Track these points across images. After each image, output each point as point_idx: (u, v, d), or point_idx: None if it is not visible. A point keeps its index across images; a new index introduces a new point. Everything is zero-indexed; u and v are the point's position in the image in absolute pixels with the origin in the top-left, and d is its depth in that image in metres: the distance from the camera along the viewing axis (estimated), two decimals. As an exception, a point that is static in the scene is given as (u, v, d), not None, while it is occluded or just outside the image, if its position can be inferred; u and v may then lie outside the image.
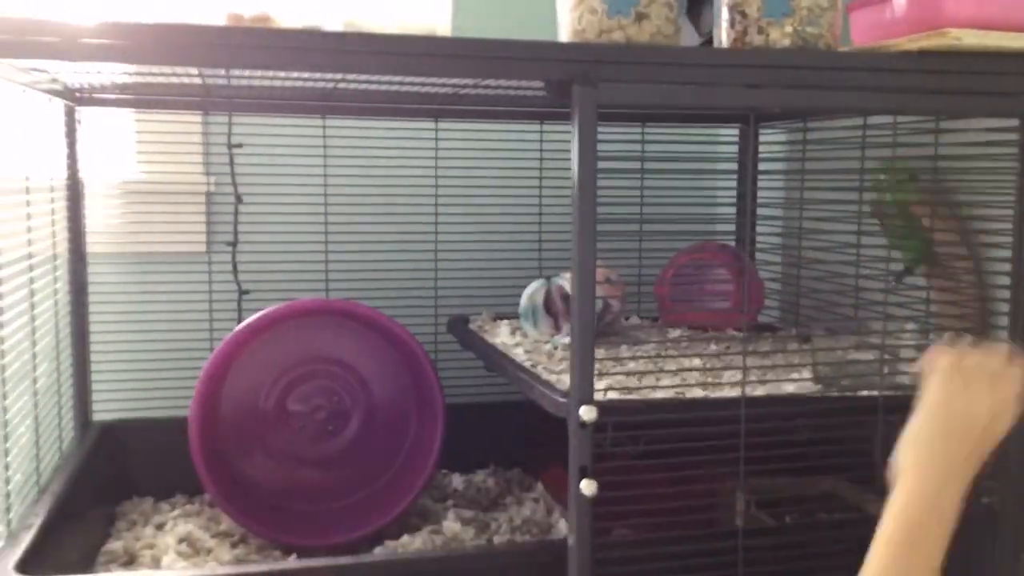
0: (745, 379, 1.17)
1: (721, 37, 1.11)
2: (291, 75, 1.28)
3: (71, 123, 1.50)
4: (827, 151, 1.57)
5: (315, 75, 1.26)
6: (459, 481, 1.65)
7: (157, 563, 1.32)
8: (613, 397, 1.10)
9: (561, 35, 1.08)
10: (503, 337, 1.46)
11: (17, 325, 1.28)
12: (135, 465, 1.56)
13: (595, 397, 1.09)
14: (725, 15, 1.09)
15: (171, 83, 1.39)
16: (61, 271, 1.51)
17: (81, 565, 1.25)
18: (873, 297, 1.45)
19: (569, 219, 0.99)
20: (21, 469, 1.29)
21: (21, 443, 1.29)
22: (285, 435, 1.53)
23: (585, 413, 1.00)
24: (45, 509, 1.17)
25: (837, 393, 1.14)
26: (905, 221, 1.36)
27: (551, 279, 1.47)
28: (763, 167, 1.75)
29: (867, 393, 1.12)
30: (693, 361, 1.28)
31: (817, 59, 1.06)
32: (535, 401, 1.13)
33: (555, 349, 1.36)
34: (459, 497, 1.60)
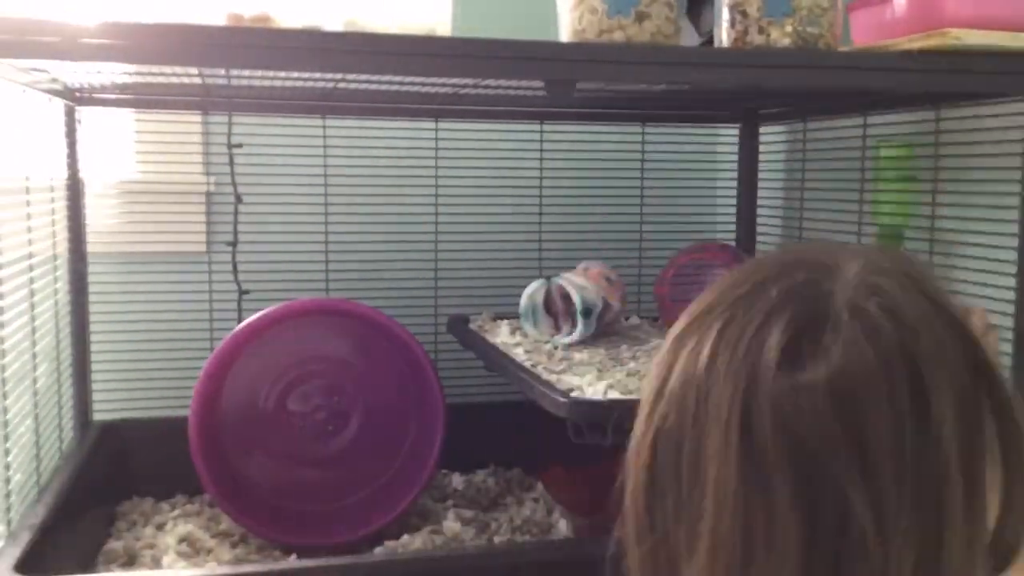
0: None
1: (721, 37, 1.11)
2: (291, 75, 1.28)
3: (71, 123, 1.49)
4: (827, 151, 1.57)
5: (315, 75, 1.26)
6: (459, 481, 1.65)
7: (157, 563, 1.32)
8: (614, 397, 1.10)
9: (561, 35, 1.08)
10: (503, 337, 1.46)
11: (17, 325, 1.28)
12: (135, 465, 1.56)
13: (595, 397, 1.10)
14: (725, 15, 1.09)
15: (171, 83, 1.39)
16: (61, 271, 1.51)
17: (81, 565, 1.25)
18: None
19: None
20: (21, 469, 1.29)
21: (21, 443, 1.29)
22: (285, 435, 1.53)
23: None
24: (45, 509, 1.16)
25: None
26: (897, 195, 1.36)
27: (551, 279, 1.47)
28: (763, 167, 1.75)
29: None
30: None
31: (817, 59, 1.06)
32: (535, 401, 1.13)
33: (555, 349, 1.36)
34: (459, 497, 1.60)
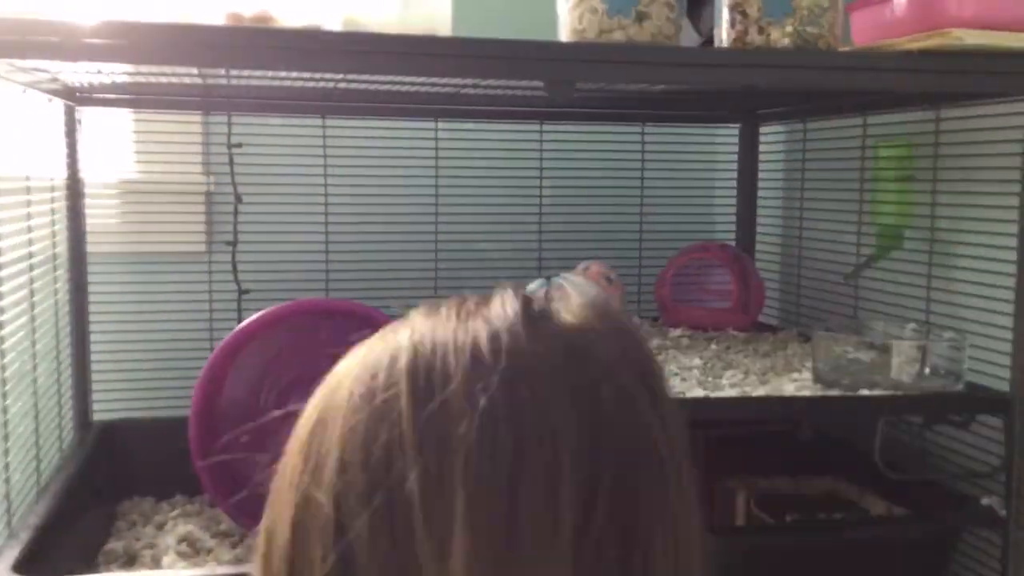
0: (746, 379, 1.17)
1: (721, 37, 1.11)
2: (291, 75, 1.28)
3: (71, 123, 1.49)
4: (827, 151, 1.57)
5: (315, 75, 1.26)
6: (459, 481, 1.64)
7: (157, 563, 1.32)
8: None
9: (561, 35, 1.08)
10: (503, 337, 1.45)
11: (17, 325, 1.28)
12: (135, 465, 1.55)
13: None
14: (725, 15, 1.09)
15: (171, 83, 1.39)
16: (61, 271, 1.51)
17: (81, 565, 1.25)
18: (873, 296, 1.45)
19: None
20: (21, 469, 1.29)
21: (21, 443, 1.29)
22: (285, 435, 1.52)
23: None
24: (45, 509, 1.16)
25: (837, 393, 1.14)
26: (896, 195, 1.36)
27: (551, 279, 1.47)
28: (763, 167, 1.75)
29: (867, 393, 1.12)
30: (694, 360, 1.28)
31: (817, 59, 1.06)
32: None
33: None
34: (459, 497, 1.59)
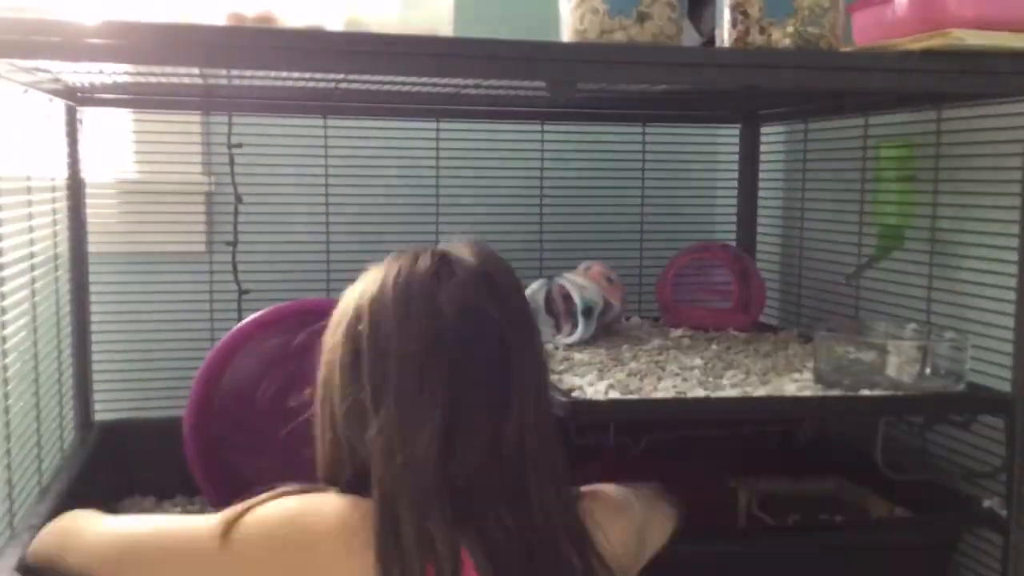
0: (747, 379, 1.17)
1: (723, 37, 1.11)
2: (292, 75, 1.28)
3: (72, 123, 1.49)
4: (828, 151, 1.57)
5: (316, 75, 1.26)
6: (459, 481, 1.64)
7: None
8: (615, 397, 1.10)
9: (563, 35, 1.08)
10: (504, 337, 1.45)
11: (19, 325, 1.28)
12: (136, 465, 1.55)
13: (595, 397, 1.10)
14: (727, 15, 1.09)
15: (172, 83, 1.39)
16: (62, 271, 1.51)
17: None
18: (875, 296, 1.46)
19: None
20: (23, 469, 1.29)
21: (23, 443, 1.29)
22: (283, 435, 1.52)
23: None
24: (46, 509, 1.16)
25: (838, 393, 1.14)
26: (897, 195, 1.36)
27: (552, 279, 1.47)
28: (764, 167, 1.75)
29: (868, 393, 1.12)
30: (695, 360, 1.28)
31: (819, 59, 1.06)
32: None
33: (556, 349, 1.36)
34: (460, 497, 1.59)
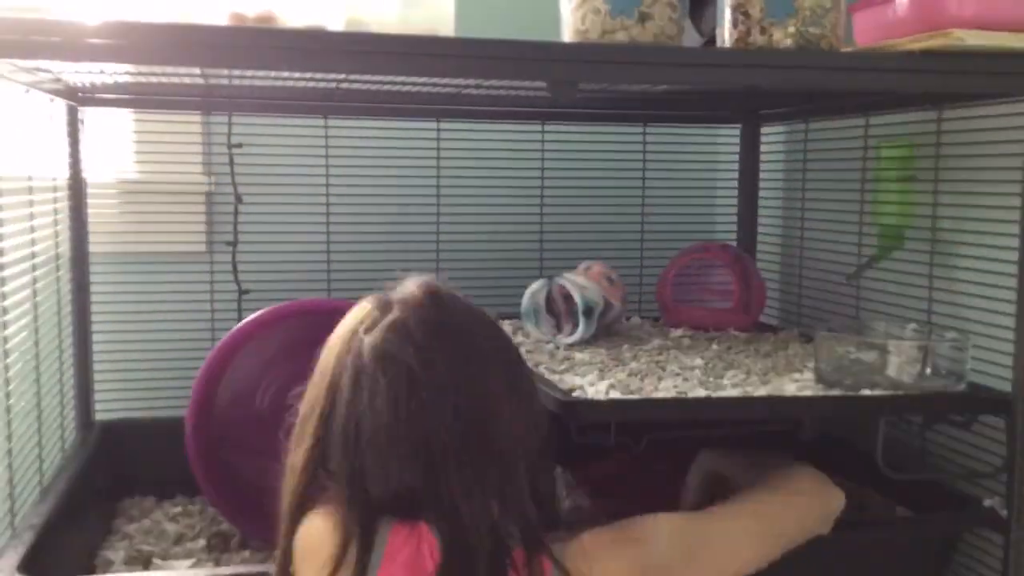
0: (747, 379, 1.17)
1: (724, 37, 1.11)
2: (293, 75, 1.28)
3: (73, 123, 1.49)
4: (828, 151, 1.57)
5: (317, 75, 1.26)
6: (460, 481, 1.64)
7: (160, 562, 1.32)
8: (615, 397, 1.10)
9: (564, 35, 1.09)
10: (505, 337, 1.45)
11: (21, 325, 1.28)
12: (136, 465, 1.56)
13: (596, 397, 1.10)
14: (728, 15, 1.09)
15: (173, 83, 1.39)
16: (63, 271, 1.51)
17: (83, 565, 1.25)
18: (875, 296, 1.46)
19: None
20: (24, 469, 1.29)
21: (24, 443, 1.29)
22: (283, 435, 1.52)
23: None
24: (47, 509, 1.16)
25: (839, 393, 1.14)
26: (898, 195, 1.36)
27: (553, 279, 1.47)
28: (764, 167, 1.75)
29: (869, 393, 1.12)
30: (695, 360, 1.28)
31: (820, 60, 1.06)
32: (537, 401, 1.13)
33: (557, 349, 1.36)
34: (460, 497, 1.59)
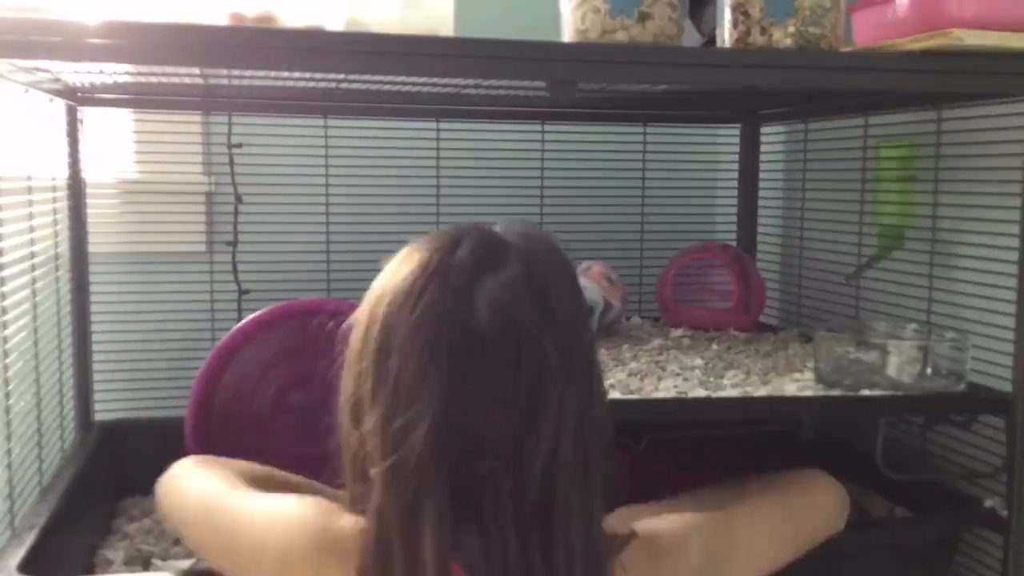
0: (747, 379, 1.17)
1: (723, 37, 1.11)
2: (293, 75, 1.28)
3: (73, 123, 1.49)
4: (828, 151, 1.57)
5: (317, 75, 1.26)
6: (460, 481, 1.64)
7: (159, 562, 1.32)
8: (616, 397, 1.10)
9: (564, 35, 1.08)
10: (505, 337, 1.45)
11: (20, 325, 1.28)
12: (136, 465, 1.55)
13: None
14: (728, 15, 1.09)
15: (173, 83, 1.39)
16: (63, 271, 1.51)
17: (83, 565, 1.25)
18: (875, 296, 1.46)
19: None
20: (23, 468, 1.29)
21: (24, 443, 1.29)
22: (283, 436, 1.52)
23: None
24: (47, 509, 1.16)
25: (839, 393, 1.14)
26: (897, 195, 1.36)
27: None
28: (764, 167, 1.75)
29: (869, 393, 1.12)
30: (695, 360, 1.28)
31: (819, 60, 1.06)
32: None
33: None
34: (460, 497, 1.59)
